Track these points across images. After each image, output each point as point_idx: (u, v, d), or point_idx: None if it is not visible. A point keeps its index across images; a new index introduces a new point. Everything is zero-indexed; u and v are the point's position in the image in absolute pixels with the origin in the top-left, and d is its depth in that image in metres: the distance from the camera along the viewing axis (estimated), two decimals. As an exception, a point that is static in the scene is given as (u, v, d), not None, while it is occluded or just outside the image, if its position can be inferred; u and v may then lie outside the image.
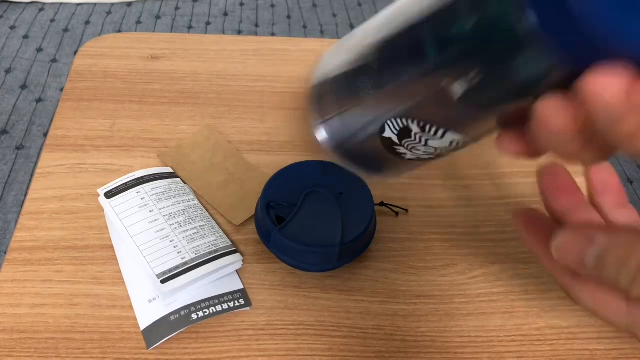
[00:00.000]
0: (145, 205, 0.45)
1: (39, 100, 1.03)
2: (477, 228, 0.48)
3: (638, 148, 0.20)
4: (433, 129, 0.24)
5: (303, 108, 0.30)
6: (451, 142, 0.25)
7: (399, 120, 0.24)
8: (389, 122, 0.25)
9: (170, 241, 0.43)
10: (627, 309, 0.26)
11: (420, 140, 0.25)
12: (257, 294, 0.42)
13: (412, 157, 0.27)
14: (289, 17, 1.24)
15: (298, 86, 0.59)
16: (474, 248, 0.47)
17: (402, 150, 0.26)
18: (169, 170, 0.49)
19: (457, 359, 0.40)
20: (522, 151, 0.24)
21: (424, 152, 0.26)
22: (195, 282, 0.41)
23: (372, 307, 0.42)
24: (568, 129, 0.20)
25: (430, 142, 0.25)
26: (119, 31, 1.21)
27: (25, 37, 1.19)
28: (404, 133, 0.25)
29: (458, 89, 0.21)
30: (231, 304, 0.41)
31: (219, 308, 0.41)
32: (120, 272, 0.43)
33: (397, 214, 0.48)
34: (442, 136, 0.24)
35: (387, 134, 0.25)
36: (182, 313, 0.40)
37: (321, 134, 0.29)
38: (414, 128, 0.24)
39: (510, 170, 0.53)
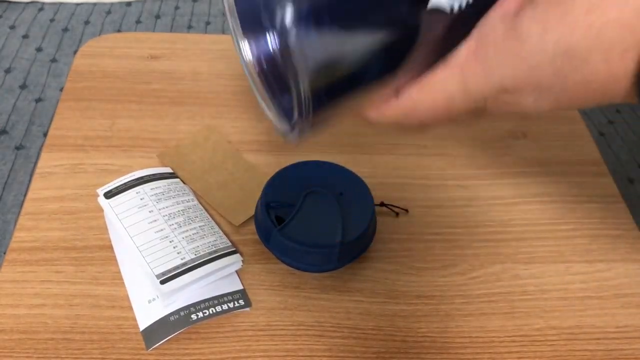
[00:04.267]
0: (145, 205, 0.45)
1: (38, 100, 1.03)
2: (477, 228, 0.48)
3: None
4: None
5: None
6: None
7: None
8: None
9: (170, 241, 0.43)
10: None
11: None
12: (256, 295, 0.42)
13: None
14: (288, 16, 1.24)
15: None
16: (474, 248, 0.47)
17: None
18: (169, 170, 0.49)
19: (458, 360, 0.40)
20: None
21: None
22: (194, 283, 0.41)
23: (372, 308, 0.42)
24: None
25: None
26: (119, 31, 1.21)
27: (25, 36, 1.19)
28: None
29: None
30: (231, 305, 0.41)
31: (218, 309, 0.41)
32: (120, 272, 0.43)
33: (397, 214, 0.48)
34: None
35: None
36: (182, 313, 0.40)
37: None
38: None
39: (510, 171, 0.53)
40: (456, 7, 0.25)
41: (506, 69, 0.25)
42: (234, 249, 0.44)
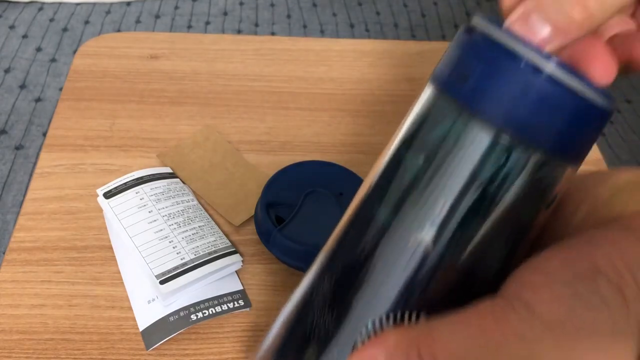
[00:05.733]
0: (145, 205, 0.45)
1: (38, 100, 1.03)
2: (477, 228, 0.48)
3: None
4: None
5: None
6: None
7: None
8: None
9: (170, 242, 0.43)
10: None
11: None
12: (256, 295, 0.42)
13: None
14: (288, 16, 1.24)
15: (298, 86, 0.59)
16: (474, 248, 0.47)
17: None
18: (168, 170, 0.49)
19: None
20: None
21: None
22: (194, 283, 0.41)
23: (372, 308, 0.42)
24: None
25: None
26: (118, 31, 1.21)
27: (25, 36, 1.19)
28: None
29: None
30: (231, 305, 0.41)
31: (218, 309, 0.41)
32: (120, 272, 0.43)
33: (397, 214, 0.48)
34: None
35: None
36: (182, 314, 0.40)
37: None
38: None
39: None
40: None
41: None
42: (233, 249, 0.44)
